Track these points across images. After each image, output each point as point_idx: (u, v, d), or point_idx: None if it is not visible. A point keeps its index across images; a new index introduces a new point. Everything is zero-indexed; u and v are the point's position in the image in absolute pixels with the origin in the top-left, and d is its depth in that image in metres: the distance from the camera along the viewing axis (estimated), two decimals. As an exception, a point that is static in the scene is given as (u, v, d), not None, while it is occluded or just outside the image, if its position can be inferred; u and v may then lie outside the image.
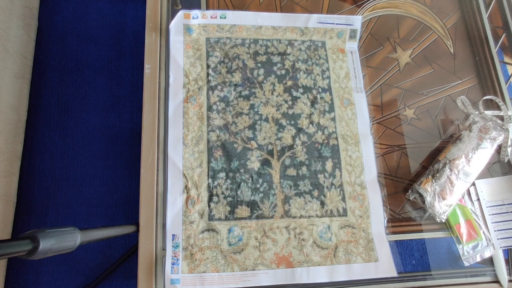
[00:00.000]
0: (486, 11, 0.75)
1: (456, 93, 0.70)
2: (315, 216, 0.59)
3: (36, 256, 0.35)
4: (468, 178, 0.60)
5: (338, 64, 0.68)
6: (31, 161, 1.08)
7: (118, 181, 1.10)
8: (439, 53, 0.72)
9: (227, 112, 0.62)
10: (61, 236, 0.38)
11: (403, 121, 0.67)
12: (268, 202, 0.58)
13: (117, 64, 1.20)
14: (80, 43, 1.20)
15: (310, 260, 0.57)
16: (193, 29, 0.65)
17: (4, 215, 0.98)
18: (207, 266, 0.55)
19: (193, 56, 0.64)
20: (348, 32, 0.69)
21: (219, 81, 0.63)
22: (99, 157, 1.11)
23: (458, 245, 0.61)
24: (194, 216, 0.57)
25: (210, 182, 0.58)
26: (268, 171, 0.60)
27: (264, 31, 0.67)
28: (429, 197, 0.59)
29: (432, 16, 0.74)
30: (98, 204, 1.07)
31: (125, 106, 1.16)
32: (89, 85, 1.17)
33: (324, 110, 0.65)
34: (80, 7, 1.24)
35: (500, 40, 0.74)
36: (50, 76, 1.16)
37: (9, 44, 1.03)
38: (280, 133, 0.62)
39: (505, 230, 0.62)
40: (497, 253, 0.61)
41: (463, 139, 0.63)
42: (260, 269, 0.55)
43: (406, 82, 0.69)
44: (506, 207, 0.63)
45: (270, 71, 0.65)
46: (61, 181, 1.08)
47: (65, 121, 1.13)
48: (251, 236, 0.57)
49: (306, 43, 0.68)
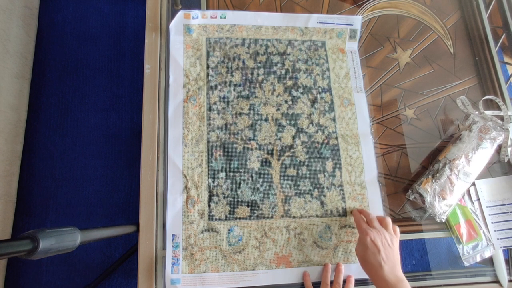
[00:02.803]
0: (486, 11, 0.75)
1: (456, 93, 0.70)
2: (315, 216, 0.59)
3: (36, 256, 0.35)
4: (468, 178, 0.60)
5: (338, 64, 0.68)
6: (31, 161, 1.08)
7: (118, 181, 1.10)
8: (439, 53, 0.72)
9: (227, 112, 0.62)
10: (61, 236, 0.38)
11: (403, 121, 0.67)
12: (268, 202, 0.58)
13: (117, 64, 1.20)
14: (80, 43, 1.20)
15: (310, 260, 0.57)
16: (193, 29, 0.65)
17: (4, 215, 0.98)
18: (207, 266, 0.55)
19: (193, 56, 0.64)
20: (348, 32, 0.69)
21: (219, 81, 0.63)
22: (99, 157, 1.11)
23: (458, 245, 0.61)
24: (194, 216, 0.57)
25: (210, 182, 0.58)
26: (268, 171, 0.60)
27: (264, 31, 0.67)
28: (429, 197, 0.59)
29: (432, 16, 0.74)
30: (98, 204, 1.07)
31: (125, 106, 1.16)
32: (89, 85, 1.17)
33: (324, 110, 0.65)
34: (80, 7, 1.24)
35: (500, 40, 0.74)
36: (50, 76, 1.16)
37: (9, 44, 1.03)
38: (280, 133, 0.62)
39: (505, 230, 0.62)
40: (497, 253, 0.61)
41: (463, 139, 0.63)
42: (260, 269, 0.55)
43: (406, 82, 0.69)
44: (506, 207, 0.63)
45: (270, 71, 0.65)
46: (61, 181, 1.08)
47: (65, 121, 1.13)
48: (251, 236, 0.57)
49: (306, 43, 0.68)
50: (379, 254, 0.49)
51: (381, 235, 0.51)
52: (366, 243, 0.50)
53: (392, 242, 0.51)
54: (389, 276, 0.47)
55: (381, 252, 0.49)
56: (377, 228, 0.52)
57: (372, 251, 0.49)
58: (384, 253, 0.49)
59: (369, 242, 0.50)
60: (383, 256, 0.49)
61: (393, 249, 0.50)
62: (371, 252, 0.49)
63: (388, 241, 0.50)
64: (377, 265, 0.48)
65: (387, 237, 0.51)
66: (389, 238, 0.51)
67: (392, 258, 0.49)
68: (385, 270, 0.48)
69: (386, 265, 0.48)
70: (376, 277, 0.49)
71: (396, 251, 0.51)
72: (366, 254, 0.50)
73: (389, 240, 0.51)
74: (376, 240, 0.50)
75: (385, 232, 0.52)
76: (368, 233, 0.51)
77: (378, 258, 0.48)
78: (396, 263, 0.49)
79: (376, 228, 0.52)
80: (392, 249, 0.50)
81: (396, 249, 0.51)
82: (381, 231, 0.52)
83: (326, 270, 0.56)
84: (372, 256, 0.49)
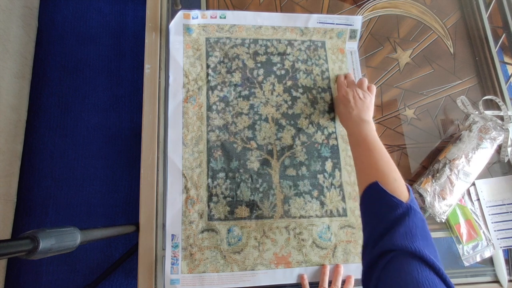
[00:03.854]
0: (486, 11, 0.75)
1: (456, 93, 0.70)
2: (314, 216, 0.59)
3: (36, 256, 0.35)
4: (468, 178, 0.60)
5: (338, 64, 0.68)
6: (31, 161, 1.08)
7: (118, 181, 1.10)
8: (439, 53, 0.72)
9: (227, 112, 0.62)
10: (61, 236, 0.38)
11: (403, 121, 0.67)
12: (267, 202, 0.58)
13: (117, 64, 1.20)
14: (80, 43, 1.20)
15: (309, 260, 0.57)
16: (193, 29, 0.65)
17: (4, 215, 0.98)
18: (207, 266, 0.55)
19: (193, 56, 0.64)
20: (348, 32, 0.69)
21: (219, 81, 0.63)
22: (99, 157, 1.11)
23: (458, 245, 0.61)
24: (194, 216, 0.57)
25: (209, 182, 0.58)
26: (267, 171, 0.60)
27: (264, 31, 0.67)
28: (429, 197, 0.59)
29: (432, 16, 0.74)
30: (98, 204, 1.07)
31: (125, 106, 1.17)
32: (89, 85, 1.17)
33: (324, 110, 0.65)
34: (80, 7, 1.24)
35: (500, 40, 0.74)
36: (50, 76, 1.16)
37: (9, 44, 1.03)
38: (280, 133, 0.62)
39: (505, 230, 0.62)
40: (497, 253, 0.61)
41: (463, 139, 0.63)
42: (260, 269, 0.55)
43: (406, 82, 0.69)
44: (506, 207, 0.63)
45: (270, 71, 0.65)
46: (61, 181, 1.08)
47: (65, 121, 1.13)
48: (250, 236, 0.57)
49: (306, 43, 0.68)
50: (349, 104, 0.57)
51: (353, 91, 0.58)
52: (339, 98, 0.60)
53: (364, 96, 0.57)
54: (354, 118, 0.55)
55: (350, 103, 0.57)
56: (351, 86, 0.60)
57: (344, 104, 0.58)
58: (354, 103, 0.56)
59: (341, 97, 0.60)
60: (352, 105, 0.56)
61: (364, 102, 0.57)
62: (342, 105, 0.58)
63: (360, 95, 0.58)
64: (347, 113, 0.57)
65: (359, 92, 0.58)
66: (361, 93, 0.58)
67: (361, 107, 0.56)
68: (353, 114, 0.55)
69: (354, 111, 0.56)
70: (346, 124, 0.57)
71: (368, 104, 0.57)
72: (339, 108, 0.61)
73: (361, 94, 0.58)
74: (348, 94, 0.58)
75: (357, 89, 0.59)
76: (341, 90, 0.61)
77: (348, 107, 0.57)
78: (365, 110, 0.56)
79: (351, 86, 0.61)
80: (363, 102, 0.57)
81: (368, 102, 0.57)
82: (353, 87, 0.59)
83: (323, 273, 0.56)
84: (343, 107, 0.58)
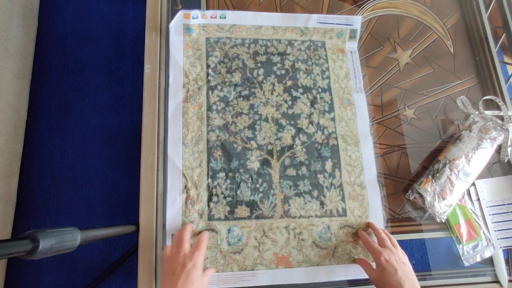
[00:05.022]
0: (486, 11, 0.75)
1: (456, 93, 0.70)
2: (314, 216, 0.59)
3: (36, 256, 0.35)
4: (468, 178, 0.60)
5: (338, 64, 0.68)
6: (31, 161, 1.08)
7: (118, 181, 1.10)
8: (439, 53, 0.72)
9: (227, 112, 0.62)
10: (61, 236, 0.38)
11: (403, 121, 0.67)
12: (267, 202, 0.58)
13: (117, 64, 1.20)
14: (80, 43, 1.20)
15: (309, 260, 0.57)
16: (193, 29, 0.65)
17: (4, 215, 0.98)
18: (207, 266, 0.55)
19: (193, 56, 0.64)
20: (348, 32, 0.69)
21: (219, 81, 0.63)
22: (99, 157, 1.11)
23: (458, 245, 0.61)
24: (194, 216, 0.57)
25: (209, 182, 0.58)
26: (267, 171, 0.60)
27: (264, 31, 0.67)
28: (429, 197, 0.59)
29: (432, 16, 0.74)
30: (98, 204, 1.07)
31: (125, 106, 1.16)
32: (89, 85, 1.17)
33: (324, 110, 0.65)
34: (80, 7, 1.24)
35: (500, 40, 0.73)
36: (50, 76, 1.16)
37: (9, 44, 1.03)
38: (280, 133, 0.62)
39: (505, 230, 0.62)
40: (497, 253, 0.61)
41: (463, 139, 0.63)
42: (260, 269, 0.55)
43: (406, 82, 0.69)
44: (506, 207, 0.63)
45: (270, 71, 0.65)
46: (61, 181, 1.08)
47: (65, 121, 1.13)
48: (250, 236, 0.57)
49: (306, 43, 0.68)
50: (397, 274, 0.48)
51: (395, 254, 0.50)
52: (381, 264, 0.49)
53: (406, 260, 0.51)
54: None
55: (398, 271, 0.48)
56: (389, 248, 0.52)
57: (389, 271, 0.48)
58: (401, 271, 0.48)
59: (384, 263, 0.49)
60: (400, 275, 0.48)
61: (409, 267, 0.50)
62: (388, 272, 0.48)
63: (402, 259, 0.50)
64: (396, 284, 0.47)
65: (400, 255, 0.51)
66: (402, 257, 0.51)
67: (411, 276, 0.48)
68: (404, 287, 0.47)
69: (406, 283, 0.47)
70: None
71: (411, 269, 0.50)
72: (384, 275, 0.48)
73: (402, 258, 0.51)
74: (391, 259, 0.49)
75: (397, 251, 0.51)
76: (382, 253, 0.50)
77: (397, 278, 0.47)
78: (415, 281, 0.49)
79: (388, 248, 0.52)
80: (407, 267, 0.49)
81: (410, 267, 0.50)
82: (393, 250, 0.51)
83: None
84: (390, 276, 0.48)
